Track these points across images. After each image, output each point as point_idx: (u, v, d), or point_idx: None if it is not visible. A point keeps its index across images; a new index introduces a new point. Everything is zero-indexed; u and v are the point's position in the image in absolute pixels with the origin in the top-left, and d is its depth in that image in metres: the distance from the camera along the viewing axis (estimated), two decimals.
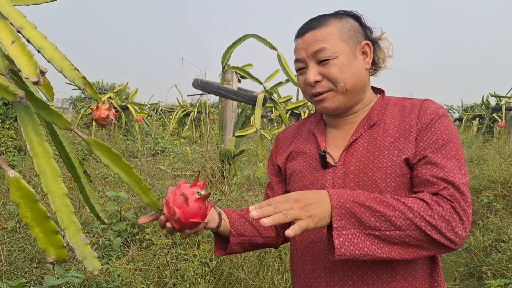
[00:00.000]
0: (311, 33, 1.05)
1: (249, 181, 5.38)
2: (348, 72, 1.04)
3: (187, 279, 2.64)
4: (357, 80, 1.06)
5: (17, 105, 0.82)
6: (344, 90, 1.05)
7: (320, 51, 1.03)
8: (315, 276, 1.06)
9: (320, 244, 1.05)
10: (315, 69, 1.05)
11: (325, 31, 1.05)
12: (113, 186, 4.88)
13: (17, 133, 7.10)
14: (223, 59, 4.88)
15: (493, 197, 4.84)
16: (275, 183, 1.27)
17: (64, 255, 0.77)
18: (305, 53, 1.06)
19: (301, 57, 1.07)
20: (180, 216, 0.97)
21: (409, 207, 0.89)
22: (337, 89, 1.05)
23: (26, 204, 0.74)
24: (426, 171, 0.97)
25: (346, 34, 1.06)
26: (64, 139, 1.07)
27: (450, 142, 1.00)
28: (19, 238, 3.05)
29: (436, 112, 1.03)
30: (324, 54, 1.03)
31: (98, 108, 2.01)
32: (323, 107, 1.08)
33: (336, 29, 1.05)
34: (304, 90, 1.11)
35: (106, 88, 12.28)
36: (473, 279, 3.49)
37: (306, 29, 1.07)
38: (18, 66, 0.78)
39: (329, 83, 1.05)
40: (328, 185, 1.06)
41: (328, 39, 1.04)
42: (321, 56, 1.03)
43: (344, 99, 1.07)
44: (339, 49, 1.04)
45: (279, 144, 1.28)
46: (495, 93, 10.59)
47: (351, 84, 1.05)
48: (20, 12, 0.88)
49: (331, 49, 1.03)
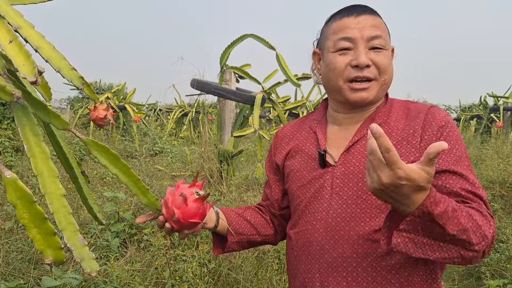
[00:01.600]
0: (368, 17, 1.02)
1: (248, 181, 5.37)
2: (391, 68, 1.05)
3: (186, 280, 2.64)
4: (391, 78, 1.06)
5: (14, 105, 0.81)
6: (384, 83, 1.04)
7: (377, 38, 1.01)
8: (309, 276, 1.06)
9: (315, 244, 1.05)
10: (366, 53, 1.01)
11: (379, 21, 1.04)
12: (111, 186, 4.87)
13: (15, 133, 7.08)
14: (222, 59, 4.87)
15: (491, 197, 4.85)
16: (273, 181, 1.27)
17: (61, 257, 0.76)
18: (360, 34, 1.01)
19: (353, 36, 1.01)
20: (179, 217, 0.97)
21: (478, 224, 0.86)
22: (380, 80, 1.03)
23: (23, 205, 0.73)
24: (453, 183, 0.94)
25: (388, 32, 1.07)
26: (62, 140, 1.06)
27: (464, 153, 0.99)
28: (17, 239, 3.03)
29: (445, 120, 1.02)
30: (380, 42, 1.01)
31: (96, 109, 2.01)
32: (360, 96, 1.03)
33: (384, 24, 1.06)
34: (341, 72, 1.03)
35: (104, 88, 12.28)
36: (471, 279, 3.49)
37: (361, 11, 1.03)
38: (15, 65, 0.77)
39: (377, 72, 1.02)
40: (326, 184, 1.06)
41: (383, 30, 1.03)
42: (377, 43, 1.01)
43: (378, 93, 1.05)
44: (388, 43, 1.05)
45: (278, 142, 1.26)
46: (493, 93, 10.61)
47: (390, 79, 1.05)
48: (17, 12, 0.88)
49: (386, 40, 1.03)
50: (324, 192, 1.06)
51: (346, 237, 1.00)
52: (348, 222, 1.01)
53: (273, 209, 1.27)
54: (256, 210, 1.27)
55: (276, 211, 1.27)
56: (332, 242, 1.02)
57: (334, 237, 1.02)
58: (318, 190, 1.07)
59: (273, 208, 1.27)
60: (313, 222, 1.06)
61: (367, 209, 1.00)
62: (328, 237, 1.02)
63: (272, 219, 1.27)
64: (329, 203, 1.04)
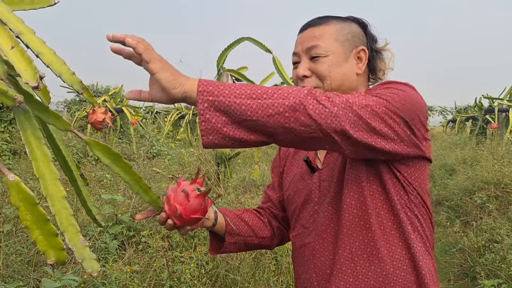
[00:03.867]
0: (310, 30, 1.09)
1: (245, 183, 5.39)
2: (336, 72, 1.06)
3: (184, 281, 2.65)
4: (344, 81, 1.07)
5: (16, 110, 0.83)
6: (330, 88, 1.07)
7: (313, 47, 1.07)
8: (307, 277, 1.10)
9: (309, 246, 1.09)
10: (306, 64, 1.08)
11: (323, 29, 1.08)
12: (108, 189, 4.87)
13: (12, 136, 7.06)
14: (218, 62, 4.89)
15: (486, 198, 4.88)
16: (277, 184, 1.31)
17: (63, 257, 0.78)
18: (301, 48, 1.09)
19: (297, 51, 1.11)
20: (182, 212, 0.98)
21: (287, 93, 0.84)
22: (323, 86, 1.07)
23: (26, 207, 0.75)
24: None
25: (343, 36, 1.08)
26: (61, 143, 1.08)
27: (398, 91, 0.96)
28: (16, 241, 3.04)
29: (389, 81, 1.04)
30: (316, 50, 1.06)
31: (94, 112, 2.02)
32: None
33: (334, 30, 1.08)
34: (296, 83, 1.13)
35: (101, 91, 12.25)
36: (467, 279, 3.52)
37: (307, 25, 1.11)
38: (18, 71, 0.79)
39: (317, 80, 1.07)
40: (314, 188, 1.10)
41: (324, 38, 1.07)
42: (313, 53, 1.07)
43: None
44: (331, 48, 1.06)
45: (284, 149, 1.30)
46: (488, 94, 10.66)
47: (337, 84, 1.07)
48: (19, 18, 0.89)
49: (324, 47, 1.06)
50: (313, 196, 1.10)
51: (334, 237, 1.04)
52: (336, 223, 1.05)
53: (276, 210, 1.31)
54: (254, 213, 1.29)
55: (279, 212, 1.30)
56: (323, 243, 1.06)
57: (324, 238, 1.06)
58: (308, 194, 1.11)
59: (277, 209, 1.30)
60: (306, 225, 1.11)
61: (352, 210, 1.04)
62: (318, 239, 1.06)
63: (271, 222, 1.30)
64: (319, 206, 1.09)
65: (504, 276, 3.04)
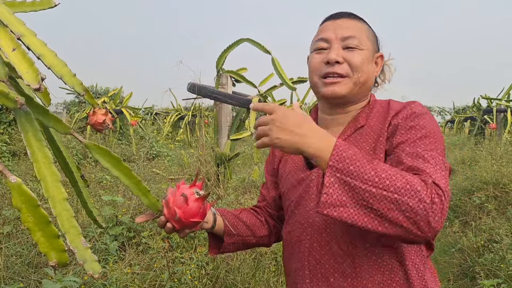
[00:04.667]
0: (346, 20, 1.09)
1: (245, 184, 5.39)
2: (366, 68, 1.08)
3: (184, 282, 2.65)
4: (368, 79, 1.10)
5: (17, 112, 0.83)
6: (359, 81, 1.08)
7: (351, 38, 1.06)
8: (300, 274, 1.09)
9: (305, 242, 1.08)
10: (339, 51, 1.06)
11: (358, 24, 1.10)
12: (108, 190, 4.87)
13: (11, 138, 7.06)
14: (218, 63, 4.90)
15: (485, 198, 4.89)
16: (270, 183, 1.31)
17: (65, 259, 0.78)
18: (334, 35, 1.07)
19: (328, 37, 1.08)
20: (181, 216, 0.99)
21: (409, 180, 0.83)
22: (353, 77, 1.07)
23: (28, 209, 0.75)
24: (406, 159, 0.93)
25: (372, 38, 1.12)
26: (61, 144, 1.08)
27: (430, 137, 0.97)
28: (16, 243, 3.04)
29: (413, 110, 1.02)
30: (353, 41, 1.06)
31: (94, 113, 2.03)
32: (332, 90, 1.07)
33: (366, 28, 1.11)
34: (316, 69, 1.09)
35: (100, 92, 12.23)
36: (466, 279, 3.53)
37: (341, 14, 1.10)
38: (19, 73, 0.79)
39: (348, 69, 1.07)
40: (312, 185, 1.10)
41: (360, 32, 1.08)
42: (350, 43, 1.06)
43: (353, 90, 1.08)
44: (366, 44, 1.08)
45: None
46: (486, 95, 10.68)
47: (364, 79, 1.08)
48: (20, 20, 0.90)
49: (361, 41, 1.07)
50: (310, 192, 1.10)
51: (332, 235, 1.04)
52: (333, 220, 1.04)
53: (270, 209, 1.31)
54: (251, 212, 1.30)
55: (274, 212, 1.31)
56: (320, 240, 1.05)
57: (322, 235, 1.05)
58: (305, 190, 1.11)
59: (271, 208, 1.31)
60: (302, 222, 1.10)
61: None
62: (316, 235, 1.06)
63: (268, 220, 1.30)
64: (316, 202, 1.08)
65: (503, 276, 3.04)
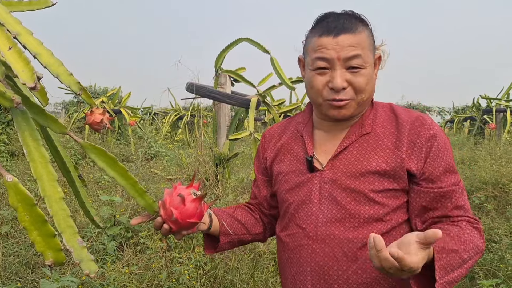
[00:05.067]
0: (347, 36, 0.99)
1: (243, 184, 5.38)
2: (370, 84, 1.03)
3: (182, 282, 2.65)
4: (373, 92, 1.06)
5: (13, 111, 0.83)
6: (362, 101, 1.04)
7: (355, 58, 0.99)
8: (301, 278, 1.08)
9: (307, 247, 1.07)
10: (344, 74, 1.00)
11: (360, 38, 1.00)
12: (106, 190, 4.87)
13: (10, 138, 7.04)
14: (216, 62, 4.89)
15: (484, 198, 4.89)
16: (261, 182, 1.29)
17: (61, 258, 0.78)
18: (336, 55, 0.99)
19: (330, 57, 1.00)
20: (178, 217, 0.97)
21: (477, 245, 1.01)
22: (357, 99, 1.03)
23: (24, 208, 0.75)
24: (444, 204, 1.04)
25: (372, 45, 1.05)
26: (59, 144, 1.08)
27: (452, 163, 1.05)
28: (13, 243, 3.03)
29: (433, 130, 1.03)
30: (357, 61, 0.99)
31: (92, 113, 2.02)
32: (340, 113, 1.04)
33: (366, 38, 1.02)
34: (320, 92, 1.04)
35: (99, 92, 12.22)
36: (465, 279, 3.52)
37: (341, 29, 1.00)
38: (15, 72, 0.79)
39: (353, 92, 1.02)
40: (315, 189, 1.08)
41: (363, 47, 1.00)
42: (355, 63, 0.99)
43: (357, 109, 1.06)
44: (368, 59, 1.02)
45: (265, 143, 1.27)
46: (485, 95, 10.69)
47: (368, 96, 1.05)
48: (16, 19, 0.89)
49: (364, 58, 1.00)
50: (312, 197, 1.08)
51: (336, 241, 1.03)
52: (337, 227, 1.03)
53: (263, 208, 1.30)
54: (246, 209, 1.29)
55: (266, 210, 1.30)
56: (323, 246, 1.04)
57: (325, 241, 1.04)
58: (307, 194, 1.09)
59: (263, 207, 1.30)
60: (303, 226, 1.08)
61: (355, 215, 1.03)
62: (319, 241, 1.05)
63: (262, 217, 1.30)
64: (319, 207, 1.07)
65: (502, 276, 3.04)
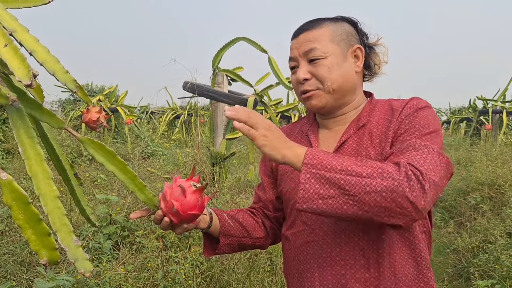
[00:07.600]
0: (305, 34, 1.11)
1: (240, 183, 5.38)
2: (336, 73, 1.09)
3: (178, 281, 2.64)
4: (345, 81, 1.10)
5: (9, 108, 0.82)
6: (331, 89, 1.09)
7: (311, 50, 1.09)
8: (308, 275, 1.08)
9: (313, 244, 1.08)
10: (305, 67, 1.10)
11: (317, 32, 1.10)
12: (102, 189, 4.85)
13: (6, 136, 7.01)
14: (214, 62, 4.89)
15: (480, 199, 4.92)
16: (267, 184, 1.29)
17: (56, 257, 0.77)
18: (297, 52, 1.11)
19: (294, 56, 1.13)
20: (179, 208, 0.96)
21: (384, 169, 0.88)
22: (324, 88, 1.09)
23: (19, 206, 0.74)
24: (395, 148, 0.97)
25: (339, 37, 1.10)
26: (55, 142, 1.07)
27: (433, 132, 0.99)
28: (8, 241, 3.02)
29: (416, 104, 1.05)
30: (314, 53, 1.08)
31: (88, 111, 2.01)
32: (310, 104, 1.13)
33: (329, 31, 1.10)
34: (296, 89, 1.15)
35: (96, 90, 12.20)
36: (461, 280, 3.54)
37: (301, 30, 1.13)
38: (11, 69, 0.78)
39: (317, 82, 1.09)
40: None
41: (320, 40, 1.09)
42: (312, 56, 1.09)
43: (331, 99, 1.11)
44: (329, 49, 1.08)
45: None
46: (482, 96, 10.73)
47: (338, 84, 1.09)
48: (12, 15, 0.88)
49: (322, 49, 1.08)
50: None
51: (342, 236, 1.04)
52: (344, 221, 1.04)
53: (267, 210, 1.29)
54: (247, 213, 1.28)
55: (271, 213, 1.29)
56: (330, 241, 1.05)
57: (331, 236, 1.05)
58: None
59: (268, 209, 1.29)
60: (309, 223, 1.09)
61: None
62: (325, 236, 1.06)
63: (264, 222, 1.29)
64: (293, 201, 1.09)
65: (497, 276, 3.05)
